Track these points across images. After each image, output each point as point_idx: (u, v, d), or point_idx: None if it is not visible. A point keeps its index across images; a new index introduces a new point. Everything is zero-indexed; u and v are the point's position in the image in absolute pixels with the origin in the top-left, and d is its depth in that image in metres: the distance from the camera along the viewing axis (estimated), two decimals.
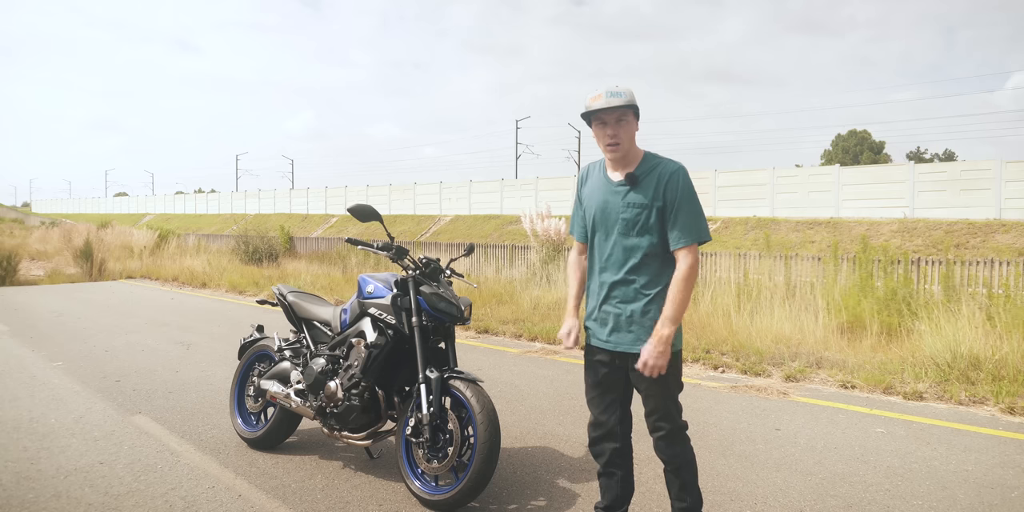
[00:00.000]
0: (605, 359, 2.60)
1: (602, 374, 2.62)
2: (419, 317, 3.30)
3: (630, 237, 2.50)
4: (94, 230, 20.93)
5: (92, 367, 6.12)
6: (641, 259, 2.49)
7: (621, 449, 2.66)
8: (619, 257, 2.52)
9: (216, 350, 6.91)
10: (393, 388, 3.45)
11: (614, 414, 2.64)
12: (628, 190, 2.51)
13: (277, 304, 4.24)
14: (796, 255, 10.80)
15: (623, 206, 2.51)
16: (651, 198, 2.47)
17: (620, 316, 2.52)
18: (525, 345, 7.39)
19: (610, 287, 2.55)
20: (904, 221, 21.05)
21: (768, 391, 5.33)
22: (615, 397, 2.63)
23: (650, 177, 2.49)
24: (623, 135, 2.49)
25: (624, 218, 2.50)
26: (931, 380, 5.32)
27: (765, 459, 3.83)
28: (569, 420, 4.56)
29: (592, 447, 2.70)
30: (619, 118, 2.48)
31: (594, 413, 2.67)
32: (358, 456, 3.89)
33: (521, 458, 3.84)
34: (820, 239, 21.02)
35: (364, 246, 3.55)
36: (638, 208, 2.48)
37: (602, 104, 2.45)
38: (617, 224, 2.52)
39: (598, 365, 2.63)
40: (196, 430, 4.31)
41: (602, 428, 2.65)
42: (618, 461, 2.67)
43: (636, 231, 2.49)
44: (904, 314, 6.97)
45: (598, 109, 2.46)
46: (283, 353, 4.00)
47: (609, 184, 2.57)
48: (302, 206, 44.74)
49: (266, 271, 14.88)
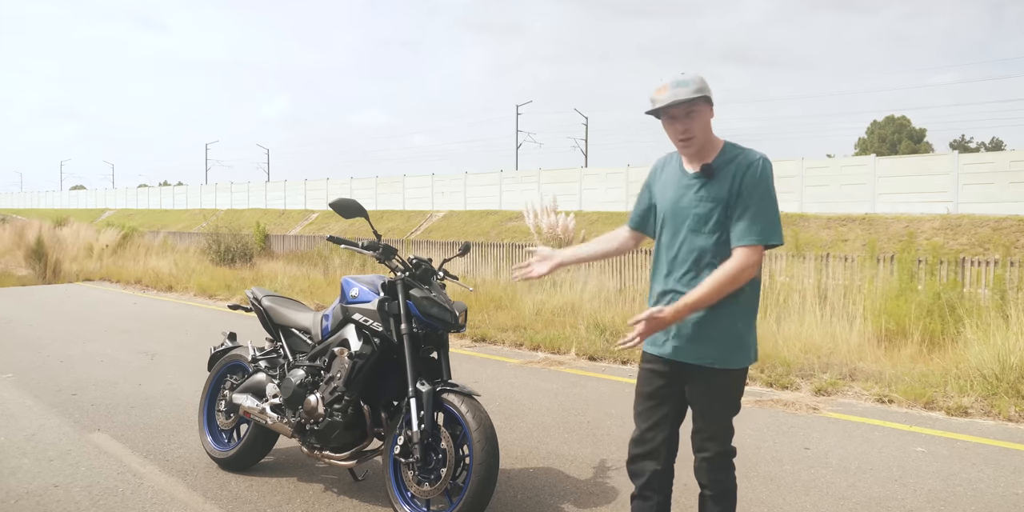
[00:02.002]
0: (662, 369, 2.58)
1: (657, 386, 2.60)
2: (409, 324, 3.29)
3: (701, 235, 2.47)
4: (48, 227, 20.93)
5: (46, 379, 6.12)
6: (712, 260, 2.46)
7: (662, 472, 2.64)
8: (688, 257, 2.50)
9: (183, 360, 6.90)
10: (380, 403, 3.45)
11: (662, 432, 2.62)
12: (703, 183, 2.48)
13: (251, 309, 4.24)
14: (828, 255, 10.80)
15: (696, 200, 2.48)
16: (727, 192, 2.44)
17: (685, 323, 2.49)
18: (527, 355, 7.39)
19: (674, 290, 2.52)
20: (947, 217, 21.05)
21: (796, 406, 5.33)
22: (667, 413, 2.62)
23: (728, 169, 2.46)
24: (696, 128, 2.45)
25: (696, 213, 2.47)
26: (977, 394, 5.32)
27: (793, 481, 3.83)
28: (575, 438, 4.56)
29: (630, 465, 2.68)
30: (689, 111, 2.44)
31: (640, 428, 2.66)
32: (341, 478, 3.88)
33: (522, 480, 3.84)
34: (854, 237, 21.03)
35: (348, 245, 3.55)
36: (712, 202, 2.45)
37: (669, 98, 2.40)
38: (688, 220, 2.49)
39: (653, 375, 2.61)
40: (161, 449, 4.31)
41: (646, 445, 2.63)
42: (657, 485, 2.64)
43: (709, 229, 2.46)
44: (948, 320, 6.97)
45: (665, 105, 2.42)
46: (258, 364, 3.99)
47: (683, 177, 2.55)
48: (279, 201, 44.75)
49: (239, 273, 14.89)
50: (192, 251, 18.47)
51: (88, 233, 20.72)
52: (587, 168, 33.08)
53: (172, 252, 18.69)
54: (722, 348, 2.47)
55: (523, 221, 28.64)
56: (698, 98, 2.41)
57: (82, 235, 20.30)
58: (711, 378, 2.50)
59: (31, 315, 10.17)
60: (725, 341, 2.47)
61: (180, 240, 22.64)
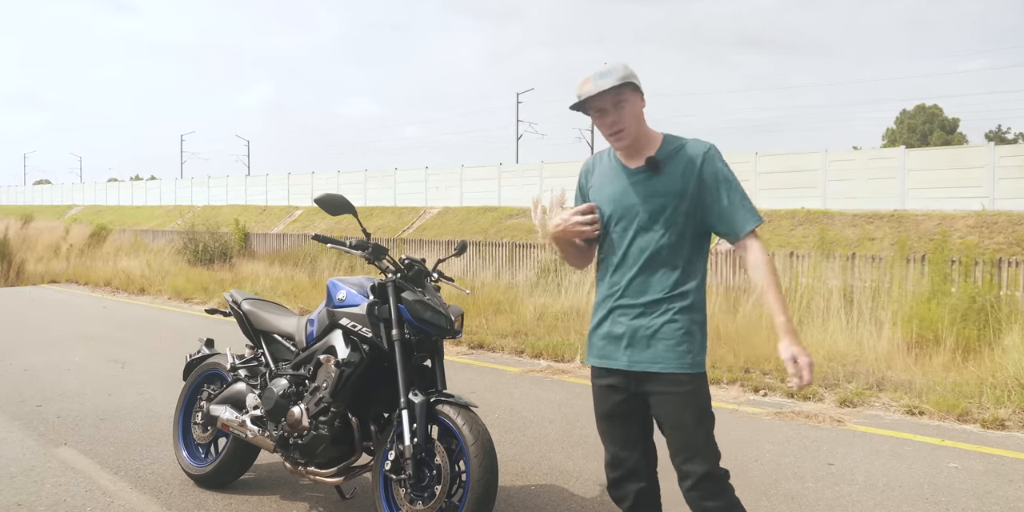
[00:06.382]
0: (617, 383, 2.56)
1: (615, 402, 2.59)
2: (400, 329, 3.29)
3: (651, 232, 2.49)
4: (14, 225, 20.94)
5: (7, 389, 6.12)
6: (667, 257, 2.49)
7: (648, 489, 2.63)
8: (639, 256, 2.51)
9: (157, 369, 6.90)
10: (369, 414, 3.45)
11: (636, 449, 2.60)
12: (650, 177, 2.50)
13: (230, 313, 4.24)
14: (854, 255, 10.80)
15: (644, 196, 2.50)
16: (680, 185, 2.47)
17: (637, 329, 2.50)
18: (528, 363, 7.40)
19: (624, 292, 2.53)
20: (982, 214, 21.06)
21: (819, 418, 5.33)
22: (635, 429, 2.60)
23: (676, 161, 2.49)
24: (627, 119, 2.47)
25: (645, 209, 2.49)
26: (1015, 405, 5.32)
27: (816, 500, 3.83)
28: (580, 453, 4.56)
29: (612, 490, 2.67)
30: (616, 101, 2.45)
31: (610, 450, 2.63)
32: (328, 496, 3.88)
33: (523, 498, 3.84)
34: (882, 236, 21.03)
35: (334, 244, 3.55)
36: (663, 197, 2.47)
37: (592, 90, 2.43)
38: (637, 218, 2.51)
39: (609, 391, 2.59)
40: (133, 465, 4.31)
41: (623, 467, 2.61)
42: (645, 503, 2.64)
43: (660, 225, 2.49)
44: (984, 326, 6.96)
45: (589, 97, 2.44)
46: (237, 373, 4.00)
47: (624, 173, 2.56)
48: (260, 196, 44.78)
49: (217, 274, 14.90)
50: (166, 251, 18.47)
51: (54, 231, 20.72)
52: None
53: (145, 252, 18.69)
54: (682, 350, 2.45)
55: (524, 218, 28.70)
56: (624, 86, 2.43)
57: (48, 234, 20.32)
58: (676, 386, 2.46)
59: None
60: (684, 342, 2.46)
61: (153, 239, 22.65)
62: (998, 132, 61.49)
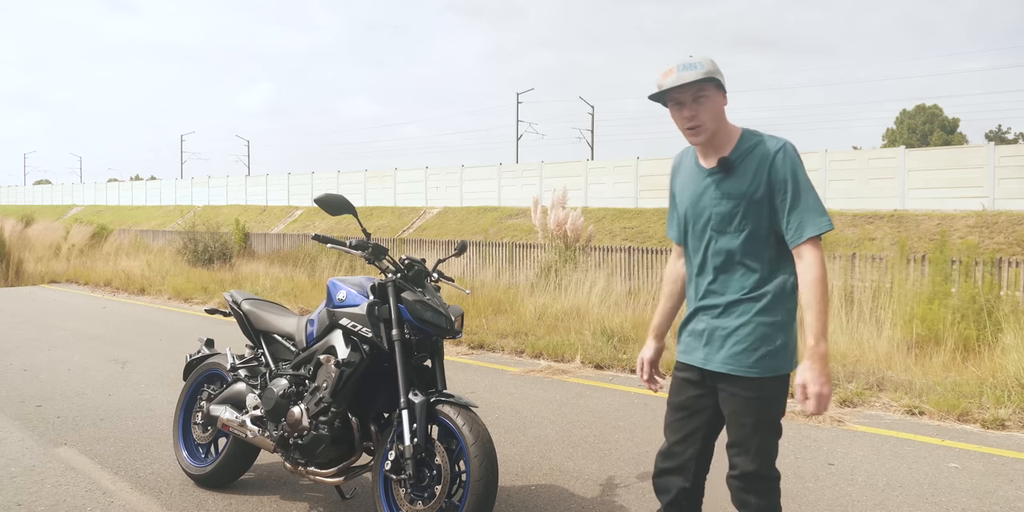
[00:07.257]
0: (694, 378, 2.59)
1: (688, 396, 2.61)
2: (400, 329, 3.30)
3: (726, 235, 2.46)
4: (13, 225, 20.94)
5: (8, 389, 6.13)
6: (741, 260, 2.46)
7: (691, 491, 2.64)
8: (715, 260, 2.50)
9: (157, 369, 6.91)
10: (369, 415, 3.45)
11: (692, 446, 2.61)
12: (722, 178, 2.46)
13: (230, 314, 4.25)
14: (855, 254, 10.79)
15: (716, 198, 2.47)
16: (750, 187, 2.41)
17: (715, 329, 2.50)
18: (528, 363, 7.40)
19: (704, 294, 2.53)
20: (983, 214, 21.06)
21: (819, 418, 5.33)
22: (698, 426, 2.61)
23: (748, 160, 2.44)
24: (704, 115, 2.42)
25: (719, 212, 2.46)
26: (1016, 405, 5.32)
27: (816, 500, 3.84)
28: (580, 453, 4.57)
29: (656, 479, 2.69)
30: (696, 95, 2.41)
31: (668, 440, 2.66)
32: (328, 496, 3.89)
33: (523, 498, 3.84)
34: (882, 235, 21.04)
35: (334, 244, 3.55)
36: (734, 199, 2.43)
37: (674, 81, 2.38)
38: (711, 220, 2.49)
39: (685, 384, 2.62)
40: (133, 465, 4.31)
41: (674, 460, 2.63)
42: (685, 503, 2.65)
43: (734, 228, 2.45)
44: (985, 326, 6.96)
45: (669, 88, 2.40)
46: (237, 373, 4.00)
47: (700, 173, 2.53)
48: (260, 196, 44.78)
49: (217, 274, 14.90)
50: (166, 251, 18.47)
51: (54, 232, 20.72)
52: (594, 161, 33.10)
53: (145, 252, 18.69)
54: (752, 353, 2.44)
55: (524, 218, 28.69)
56: (706, 81, 2.39)
57: (47, 234, 20.32)
58: (742, 389, 2.46)
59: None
60: (757, 347, 2.44)
61: (153, 239, 22.65)
62: (998, 132, 61.46)
